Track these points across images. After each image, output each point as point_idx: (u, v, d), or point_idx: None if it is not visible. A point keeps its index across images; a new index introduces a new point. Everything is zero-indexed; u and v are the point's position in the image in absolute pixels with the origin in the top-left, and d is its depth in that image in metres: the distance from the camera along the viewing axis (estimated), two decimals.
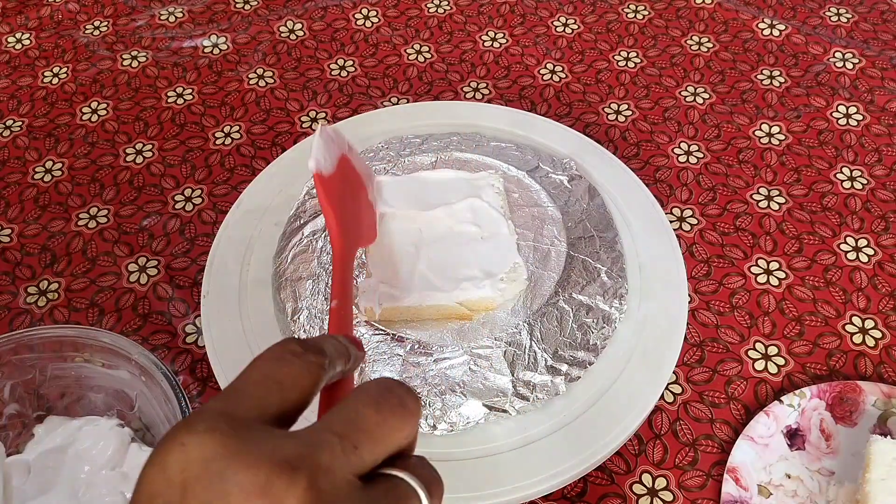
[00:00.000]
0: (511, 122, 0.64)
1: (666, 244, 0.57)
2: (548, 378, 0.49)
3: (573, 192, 0.58)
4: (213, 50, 0.78)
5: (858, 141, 0.69)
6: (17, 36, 0.79)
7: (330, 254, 0.55)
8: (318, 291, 0.53)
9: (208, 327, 0.53)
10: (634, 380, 0.51)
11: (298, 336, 0.52)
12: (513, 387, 0.49)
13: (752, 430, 0.51)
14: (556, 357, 0.50)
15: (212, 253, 0.57)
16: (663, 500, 0.50)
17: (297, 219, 0.58)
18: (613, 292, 0.53)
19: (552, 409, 0.50)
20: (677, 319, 0.53)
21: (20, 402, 0.49)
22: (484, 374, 0.49)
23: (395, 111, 0.68)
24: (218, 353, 0.52)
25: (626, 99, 0.72)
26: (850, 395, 0.52)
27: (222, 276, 0.56)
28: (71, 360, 0.49)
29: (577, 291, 0.52)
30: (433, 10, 0.81)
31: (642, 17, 0.80)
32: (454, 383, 0.49)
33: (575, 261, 0.54)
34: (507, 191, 0.57)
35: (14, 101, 0.73)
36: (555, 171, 0.59)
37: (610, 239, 0.56)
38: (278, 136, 0.70)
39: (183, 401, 0.44)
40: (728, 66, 0.75)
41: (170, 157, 0.69)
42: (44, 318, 0.59)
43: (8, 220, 0.65)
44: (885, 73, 0.73)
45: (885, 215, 0.64)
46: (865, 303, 0.59)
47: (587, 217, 0.57)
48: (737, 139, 0.69)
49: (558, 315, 0.51)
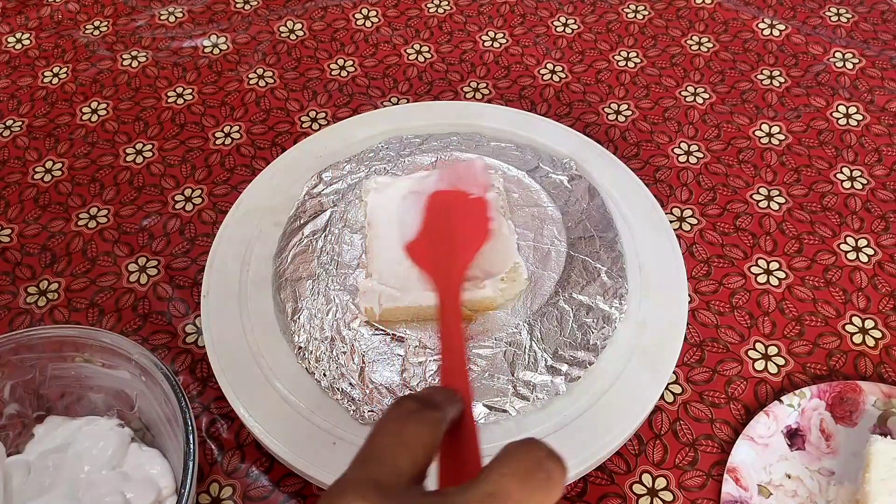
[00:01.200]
0: (511, 122, 0.65)
1: (666, 244, 0.57)
2: (548, 378, 0.49)
3: (573, 192, 0.58)
4: (213, 50, 0.77)
5: (858, 141, 0.69)
6: (17, 36, 0.79)
7: (330, 254, 0.55)
8: (317, 292, 0.53)
9: (208, 327, 0.53)
10: (634, 380, 0.51)
11: (298, 336, 0.52)
12: (513, 387, 0.49)
13: (752, 430, 0.51)
14: (556, 357, 0.50)
15: (212, 253, 0.57)
16: (663, 500, 0.50)
17: (297, 219, 0.58)
18: (613, 292, 0.53)
19: (552, 409, 0.50)
20: (677, 319, 0.53)
21: (20, 402, 0.49)
22: (484, 373, 0.49)
23: (394, 111, 0.68)
24: (218, 353, 0.52)
25: (626, 99, 0.72)
26: (850, 395, 0.52)
27: (222, 276, 0.56)
28: (71, 360, 0.49)
29: (577, 291, 0.52)
30: (433, 10, 0.81)
31: (642, 17, 0.80)
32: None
33: (575, 261, 0.54)
34: (507, 191, 0.57)
35: (14, 101, 0.73)
36: (555, 171, 0.59)
37: (610, 239, 0.56)
38: (278, 136, 0.70)
39: (183, 401, 0.44)
40: (728, 66, 0.75)
41: (170, 157, 0.69)
42: (44, 318, 0.59)
43: (8, 220, 0.65)
44: (885, 73, 0.73)
45: (885, 215, 0.64)
46: (865, 303, 0.59)
47: (587, 217, 0.57)
48: (737, 139, 0.69)
49: (558, 315, 0.51)
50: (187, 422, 0.44)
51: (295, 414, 0.50)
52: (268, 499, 0.51)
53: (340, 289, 0.53)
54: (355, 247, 0.55)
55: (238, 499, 0.51)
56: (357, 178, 0.59)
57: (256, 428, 0.49)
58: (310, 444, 0.48)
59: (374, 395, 0.49)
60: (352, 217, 0.57)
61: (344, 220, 0.57)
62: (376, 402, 0.49)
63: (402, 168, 0.59)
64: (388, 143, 0.62)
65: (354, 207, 0.57)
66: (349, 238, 0.56)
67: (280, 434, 0.49)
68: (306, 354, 0.51)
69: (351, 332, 0.51)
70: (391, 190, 0.56)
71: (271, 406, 0.50)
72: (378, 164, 0.60)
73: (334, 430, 0.49)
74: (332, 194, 0.59)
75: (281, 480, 0.51)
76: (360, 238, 0.55)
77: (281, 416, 0.50)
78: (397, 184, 0.57)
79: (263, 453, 0.52)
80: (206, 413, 0.54)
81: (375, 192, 0.56)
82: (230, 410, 0.51)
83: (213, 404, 0.54)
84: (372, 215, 0.55)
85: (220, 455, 0.52)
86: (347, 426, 0.49)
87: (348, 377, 0.50)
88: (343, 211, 0.57)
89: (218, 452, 0.52)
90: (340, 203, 0.58)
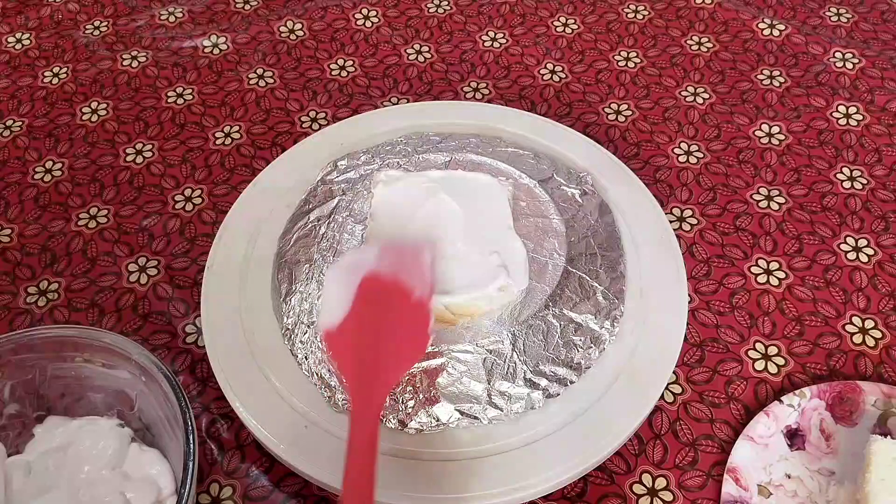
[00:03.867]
0: (535, 129, 0.64)
1: (673, 272, 0.56)
2: (525, 391, 0.49)
3: (583, 206, 0.57)
4: (213, 50, 0.77)
5: (858, 141, 0.69)
6: (17, 36, 0.79)
7: (330, 241, 0.55)
8: (311, 277, 0.53)
9: (206, 299, 0.55)
10: (614, 405, 0.50)
11: (287, 317, 0.52)
12: (487, 395, 0.49)
13: (752, 430, 0.51)
14: (537, 371, 0.49)
15: (222, 227, 0.59)
16: (663, 500, 0.50)
17: (307, 203, 0.59)
18: (607, 313, 0.52)
19: (524, 423, 0.49)
20: (670, 349, 0.52)
21: (20, 402, 0.49)
22: (460, 378, 0.49)
23: (424, 107, 0.68)
24: (212, 329, 0.53)
25: (626, 99, 0.72)
26: (850, 395, 0.52)
27: (229, 251, 0.57)
28: (71, 360, 0.48)
29: (568, 308, 0.52)
30: (433, 10, 0.81)
31: (642, 17, 0.80)
32: (429, 384, 0.48)
33: (571, 276, 0.53)
34: (516, 198, 0.57)
35: (14, 101, 0.73)
36: (568, 184, 0.59)
37: (613, 259, 0.55)
38: (278, 136, 0.70)
39: (183, 401, 0.44)
40: (728, 66, 0.75)
41: (170, 157, 0.69)
42: (44, 318, 0.59)
43: (8, 220, 0.65)
44: (885, 73, 0.73)
45: (885, 215, 0.64)
46: (865, 303, 0.59)
47: (593, 234, 0.56)
48: (737, 139, 0.69)
49: (545, 329, 0.51)
50: (187, 422, 0.44)
51: (275, 396, 0.50)
52: (268, 499, 0.51)
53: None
54: (355, 237, 0.55)
55: (238, 499, 0.51)
56: (370, 169, 0.59)
57: (229, 393, 0.50)
58: (290, 429, 0.49)
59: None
60: (357, 207, 0.57)
61: (349, 209, 0.57)
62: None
63: (416, 164, 0.59)
64: (408, 139, 0.62)
65: (362, 198, 0.57)
66: (351, 227, 0.56)
67: (256, 413, 0.50)
68: (292, 336, 0.52)
69: None
70: (400, 184, 0.56)
71: (251, 378, 0.51)
72: (392, 159, 0.60)
73: (308, 414, 0.50)
74: (342, 183, 0.59)
75: (281, 480, 0.51)
76: (362, 229, 0.55)
77: (259, 389, 0.51)
78: (407, 179, 0.57)
79: (263, 453, 0.52)
80: (206, 413, 0.54)
81: (384, 185, 0.56)
82: (230, 410, 0.51)
83: (213, 404, 0.54)
84: (376, 208, 0.55)
85: (220, 455, 0.52)
86: (322, 412, 0.50)
87: (328, 364, 0.50)
88: (350, 200, 0.57)
89: (218, 452, 0.52)
90: (349, 192, 0.58)
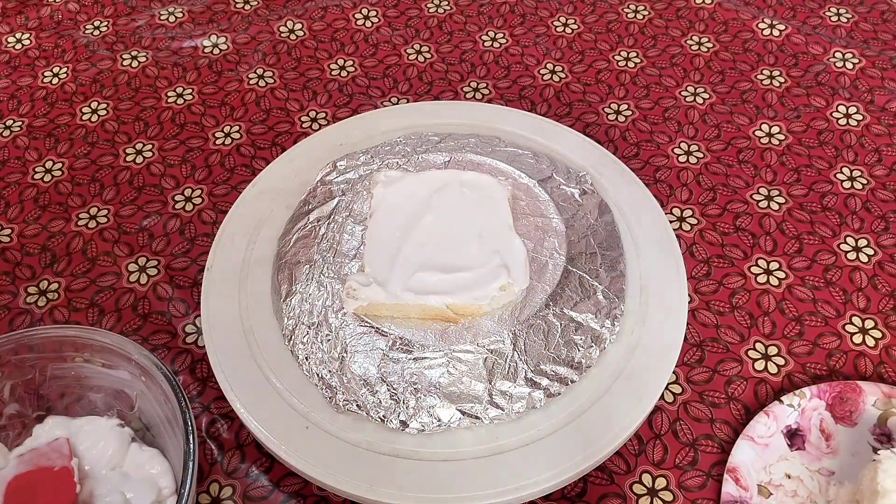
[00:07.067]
0: (533, 128, 0.64)
1: (673, 271, 0.56)
2: (526, 390, 0.49)
3: (583, 206, 0.57)
4: (213, 50, 0.77)
5: (858, 141, 0.69)
6: (17, 36, 0.79)
7: (330, 242, 0.55)
8: (312, 277, 0.53)
9: (206, 300, 0.54)
10: (616, 403, 0.50)
11: (287, 318, 0.53)
12: (489, 395, 0.49)
13: (752, 430, 0.51)
14: (537, 371, 0.50)
15: (221, 228, 0.58)
16: (663, 500, 0.50)
17: (306, 204, 0.59)
18: (607, 312, 0.52)
19: (526, 422, 0.49)
20: (671, 347, 0.52)
21: (20, 402, 0.49)
22: (461, 378, 0.49)
23: (422, 107, 0.68)
24: (212, 328, 0.53)
25: (626, 99, 0.72)
26: (850, 395, 0.52)
27: (228, 252, 0.57)
28: (71, 360, 0.49)
29: (568, 307, 0.52)
30: (433, 10, 0.81)
31: (642, 17, 0.80)
32: (430, 384, 0.49)
33: (572, 276, 0.53)
34: (515, 198, 0.57)
35: (14, 101, 0.73)
36: (567, 184, 0.59)
37: (613, 258, 0.55)
38: (278, 136, 0.70)
39: (183, 401, 0.44)
40: (728, 66, 0.75)
41: (170, 157, 0.69)
42: (44, 318, 0.59)
43: (8, 220, 0.65)
44: (885, 73, 0.73)
45: (885, 215, 0.64)
46: (865, 303, 0.59)
47: (592, 233, 0.56)
48: (737, 139, 0.69)
49: (545, 328, 0.51)
50: (187, 422, 0.44)
51: (275, 396, 0.51)
52: (268, 499, 0.51)
53: (334, 277, 0.53)
54: (355, 237, 0.55)
55: (238, 499, 0.51)
56: (369, 169, 0.59)
57: (225, 383, 0.51)
58: (286, 424, 0.49)
59: (350, 384, 0.49)
60: (357, 208, 0.57)
61: (349, 209, 0.57)
62: (352, 393, 0.49)
63: (415, 164, 0.59)
64: (407, 139, 0.62)
65: (361, 198, 0.57)
66: (351, 228, 0.56)
67: (256, 413, 0.50)
68: (292, 337, 0.52)
69: (337, 320, 0.51)
70: (399, 185, 0.57)
71: (252, 378, 0.51)
72: (392, 159, 0.60)
73: (309, 415, 0.50)
74: (342, 183, 0.59)
75: (281, 480, 0.51)
76: (362, 229, 0.55)
77: (260, 390, 0.51)
78: (406, 179, 0.57)
79: (263, 453, 0.52)
80: (206, 413, 0.54)
81: (384, 186, 0.57)
82: (230, 410, 0.51)
83: (213, 404, 0.54)
84: (376, 208, 0.55)
85: (220, 455, 0.52)
86: (322, 412, 0.50)
87: (328, 364, 0.50)
88: (350, 201, 0.57)
89: (218, 452, 0.52)
90: (349, 193, 0.58)
